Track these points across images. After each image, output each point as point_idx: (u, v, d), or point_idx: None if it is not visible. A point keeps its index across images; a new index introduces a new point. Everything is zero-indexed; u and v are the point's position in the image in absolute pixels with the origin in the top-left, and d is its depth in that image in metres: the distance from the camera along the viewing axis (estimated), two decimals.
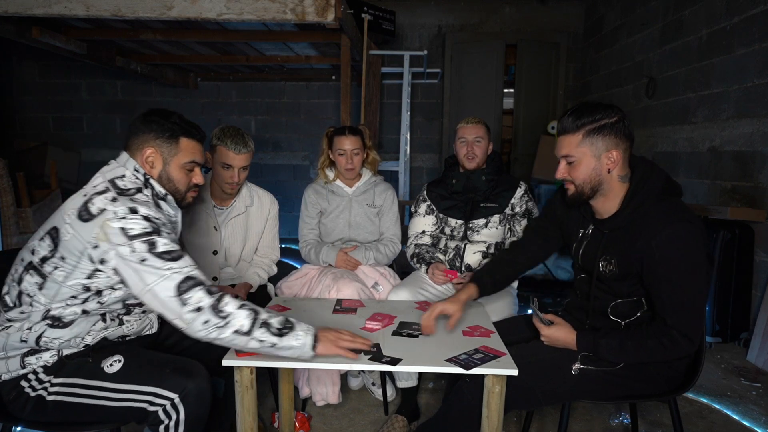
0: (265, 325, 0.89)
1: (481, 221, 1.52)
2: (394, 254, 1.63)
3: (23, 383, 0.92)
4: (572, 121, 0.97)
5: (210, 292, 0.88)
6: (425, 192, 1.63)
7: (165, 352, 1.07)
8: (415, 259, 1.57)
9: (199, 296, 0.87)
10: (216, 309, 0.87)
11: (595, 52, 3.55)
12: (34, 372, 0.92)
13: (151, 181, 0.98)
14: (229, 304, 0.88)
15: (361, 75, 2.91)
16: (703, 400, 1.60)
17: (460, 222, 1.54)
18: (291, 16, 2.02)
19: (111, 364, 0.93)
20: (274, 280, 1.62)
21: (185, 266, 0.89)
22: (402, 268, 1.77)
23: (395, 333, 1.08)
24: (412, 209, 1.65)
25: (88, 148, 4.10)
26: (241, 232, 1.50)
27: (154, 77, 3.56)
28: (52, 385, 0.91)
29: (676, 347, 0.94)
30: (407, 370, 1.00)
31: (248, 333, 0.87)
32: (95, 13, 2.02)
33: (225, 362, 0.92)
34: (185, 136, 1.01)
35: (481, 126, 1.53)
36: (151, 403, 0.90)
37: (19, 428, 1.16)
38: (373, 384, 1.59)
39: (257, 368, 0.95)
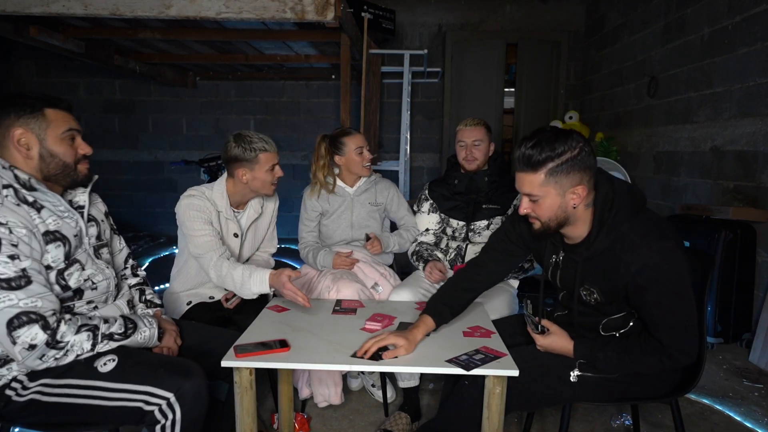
0: (108, 336, 0.94)
1: (483, 223, 1.52)
2: (414, 239, 1.63)
3: (8, 392, 0.91)
4: (532, 158, 0.89)
5: (46, 326, 0.85)
6: (427, 191, 1.62)
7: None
8: (414, 257, 1.57)
9: (32, 333, 0.84)
10: (52, 343, 0.86)
11: (597, 51, 3.54)
12: (17, 380, 0.91)
13: (16, 171, 0.90)
14: (67, 333, 0.88)
15: (360, 74, 2.90)
16: (705, 401, 1.59)
17: (461, 223, 1.54)
18: (290, 15, 2.01)
19: (105, 363, 0.92)
20: None
21: (24, 298, 0.84)
22: (402, 268, 1.77)
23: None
24: (415, 208, 1.66)
25: None
26: (252, 233, 1.47)
27: (153, 76, 3.55)
28: (47, 386, 0.90)
29: (675, 363, 0.93)
30: (407, 371, 1.00)
31: (92, 350, 0.92)
32: (93, 11, 2.01)
33: (224, 363, 0.92)
34: (49, 107, 0.93)
35: (481, 128, 1.50)
36: (147, 403, 0.89)
37: (17, 429, 1.16)
38: (373, 385, 1.58)
39: (256, 369, 0.95)
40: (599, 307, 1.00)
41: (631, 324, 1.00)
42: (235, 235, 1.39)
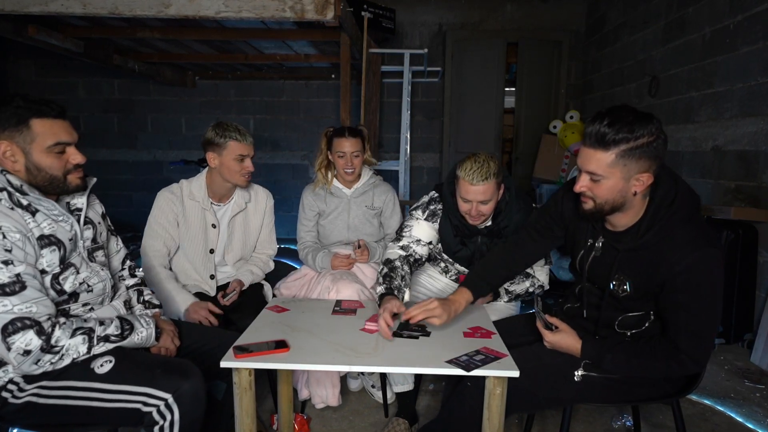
0: (104, 338, 0.93)
1: None
2: None
3: (5, 394, 0.90)
4: (606, 136, 0.84)
5: (41, 331, 0.85)
6: (441, 212, 1.33)
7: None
8: (384, 271, 1.23)
9: (26, 339, 0.84)
10: (47, 348, 0.86)
11: (597, 51, 3.53)
12: (13, 382, 0.91)
13: (8, 176, 0.88)
14: (62, 337, 0.87)
15: (360, 74, 2.89)
16: (707, 402, 1.58)
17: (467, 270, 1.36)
18: (290, 14, 2.00)
19: (102, 365, 0.92)
20: (272, 280, 1.61)
21: (19, 303, 0.83)
22: None
23: (395, 334, 1.07)
24: (418, 214, 1.35)
25: (85, 148, 3.92)
26: (240, 229, 1.48)
27: (152, 76, 3.54)
28: (44, 388, 0.90)
29: (683, 370, 0.92)
30: (407, 372, 0.99)
31: (88, 353, 0.92)
32: (92, 11, 2.00)
33: (223, 364, 0.91)
34: (36, 117, 0.89)
35: (491, 183, 1.16)
36: (145, 404, 0.89)
37: (15, 430, 1.15)
38: (373, 386, 1.57)
39: (256, 370, 0.94)
40: (623, 302, 0.98)
41: (647, 325, 0.99)
42: (213, 226, 1.42)
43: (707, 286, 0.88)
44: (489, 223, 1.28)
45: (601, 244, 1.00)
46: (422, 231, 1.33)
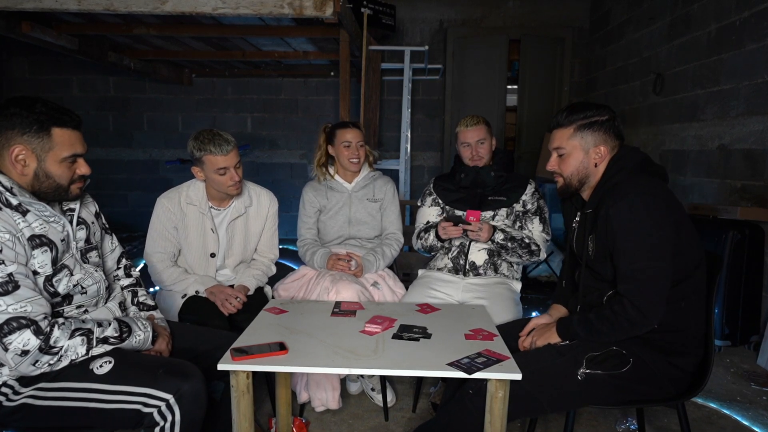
0: (102, 340, 0.92)
1: (489, 214, 1.49)
2: (398, 252, 1.60)
3: None
4: (566, 116, 1.04)
5: (39, 331, 0.83)
6: (431, 186, 1.61)
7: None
8: (420, 241, 1.54)
9: (24, 339, 0.82)
10: (45, 348, 0.84)
11: (601, 48, 3.50)
12: (8, 385, 0.89)
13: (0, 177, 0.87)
14: (61, 338, 0.86)
15: (360, 71, 2.86)
16: (712, 405, 1.56)
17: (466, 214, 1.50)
18: (288, 11, 1.97)
19: (101, 366, 0.91)
20: (271, 281, 1.59)
21: (13, 303, 0.82)
22: (403, 269, 1.73)
23: (395, 336, 1.05)
24: (418, 203, 1.64)
25: None
26: (241, 233, 1.46)
27: (148, 73, 3.50)
28: (41, 390, 0.89)
29: (625, 315, 0.95)
30: (407, 374, 0.97)
31: (86, 354, 0.90)
32: (87, 7, 1.97)
33: (221, 366, 0.90)
34: (57, 126, 0.89)
35: (482, 126, 1.48)
36: (146, 405, 0.88)
37: None
38: (373, 389, 1.55)
39: (254, 372, 0.93)
40: (598, 268, 1.03)
41: None
42: (212, 231, 1.41)
43: (637, 227, 0.94)
44: (491, 164, 1.51)
45: (578, 217, 1.10)
46: (424, 214, 1.59)
